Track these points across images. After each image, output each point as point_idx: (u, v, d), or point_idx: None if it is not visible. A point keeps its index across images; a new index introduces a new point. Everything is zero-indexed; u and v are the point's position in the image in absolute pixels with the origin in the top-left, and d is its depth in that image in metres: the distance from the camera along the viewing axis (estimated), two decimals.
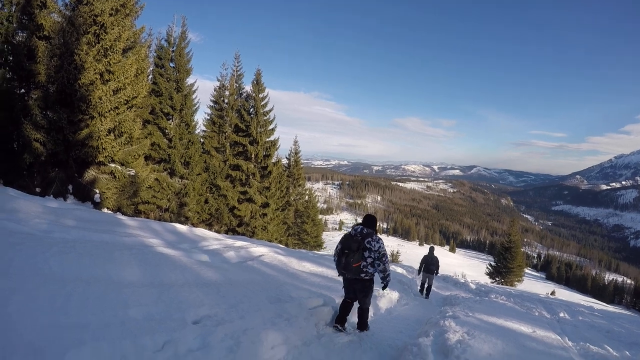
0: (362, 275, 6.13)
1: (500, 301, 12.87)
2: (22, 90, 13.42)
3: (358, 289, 6.41)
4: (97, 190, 13.52)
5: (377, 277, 6.41)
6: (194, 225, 22.20)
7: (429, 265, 14.47)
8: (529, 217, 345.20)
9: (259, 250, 11.00)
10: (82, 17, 12.61)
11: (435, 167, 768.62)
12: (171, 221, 20.20)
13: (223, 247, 10.06)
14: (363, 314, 6.74)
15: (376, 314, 8.32)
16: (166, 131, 21.12)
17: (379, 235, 6.43)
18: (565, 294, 58.01)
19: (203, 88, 26.07)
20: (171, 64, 21.84)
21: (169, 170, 21.39)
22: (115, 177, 14.09)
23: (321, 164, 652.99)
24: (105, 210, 13.74)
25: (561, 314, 12.31)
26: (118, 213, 13.79)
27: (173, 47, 22.00)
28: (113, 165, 14.09)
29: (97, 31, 13.04)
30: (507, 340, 5.92)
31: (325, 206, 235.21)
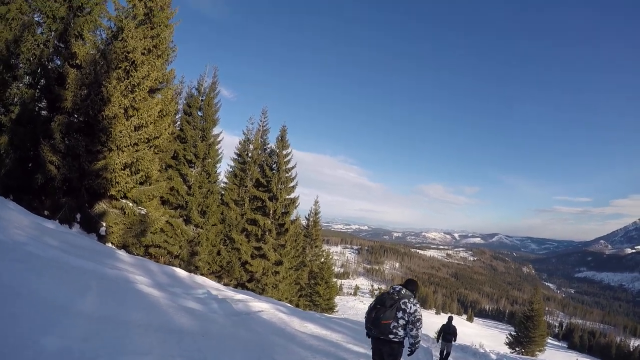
0: (391, 336, 5.67)
1: None
2: (47, 113, 13.66)
3: (386, 352, 5.88)
4: (104, 224, 13.29)
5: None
6: (203, 275, 21.74)
7: (447, 333, 15.14)
8: (550, 285, 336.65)
9: (260, 305, 10.44)
10: (115, 53, 12.84)
11: (456, 235, 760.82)
12: (180, 268, 19.86)
13: (220, 298, 9.55)
14: None
15: None
16: (187, 178, 21.00)
17: (417, 300, 6.11)
18: None
19: (230, 142, 26.63)
20: (199, 113, 22.04)
21: (185, 217, 21.12)
22: (125, 213, 13.86)
23: (341, 228, 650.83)
24: (109, 244, 13.41)
25: None
26: (122, 250, 13.44)
27: (202, 97, 22.25)
28: (124, 201, 13.92)
29: (127, 67, 13.21)
30: None
31: (342, 270, 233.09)
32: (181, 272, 11.42)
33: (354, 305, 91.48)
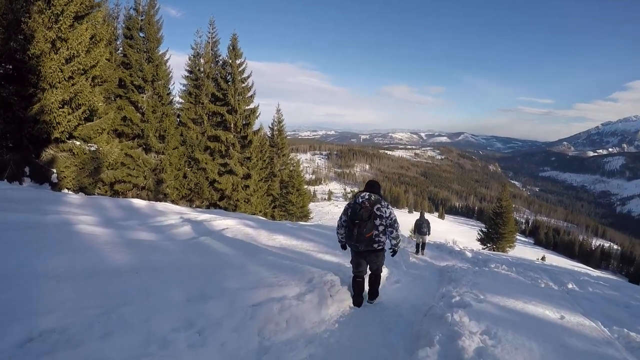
0: (375, 245, 5.82)
1: (503, 272, 11.91)
2: None
3: (371, 261, 6.13)
4: (55, 170, 12.44)
5: None
6: (173, 202, 21.31)
7: (421, 227, 16.10)
8: (516, 183, 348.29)
9: (225, 223, 9.95)
10: None
11: (423, 135, 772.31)
12: (149, 199, 19.31)
13: (181, 222, 8.98)
14: (376, 280, 6.47)
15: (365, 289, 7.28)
16: (138, 105, 19.94)
17: (385, 201, 6.01)
18: (554, 259, 58.55)
19: (181, 63, 25.25)
20: (141, 34, 20.57)
21: (144, 146, 20.32)
22: (74, 154, 12.90)
23: (308, 135, 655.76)
24: (66, 191, 12.63)
25: (569, 285, 11.28)
26: (79, 193, 12.71)
27: (142, 16, 20.69)
28: (72, 141, 12.96)
29: None
30: (542, 339, 4.52)
31: (313, 177, 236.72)
32: (140, 203, 10.72)
33: (329, 210, 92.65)
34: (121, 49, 20.75)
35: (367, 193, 5.86)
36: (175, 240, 7.27)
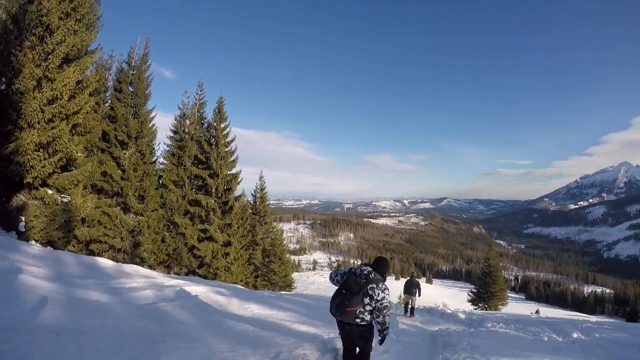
0: (358, 320, 5.27)
1: (501, 330, 11.15)
2: None
3: (355, 335, 5.48)
4: (24, 218, 11.52)
5: None
6: (151, 267, 20.15)
7: (410, 287, 15.85)
8: (502, 242, 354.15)
9: (195, 289, 9.13)
10: (29, 17, 11.26)
11: (406, 202, 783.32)
12: (124, 262, 18.22)
13: (146, 286, 8.10)
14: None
15: None
16: (120, 161, 19.23)
17: (386, 284, 5.48)
18: (548, 312, 59.45)
19: (169, 124, 24.71)
20: (130, 88, 20.19)
21: (122, 205, 19.43)
22: (45, 203, 12.11)
23: (292, 204, 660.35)
24: (33, 242, 11.60)
25: (574, 335, 10.54)
26: (48, 247, 11.66)
27: (133, 70, 20.40)
28: (44, 189, 12.15)
29: (41, 33, 11.55)
30: None
31: (298, 246, 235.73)
32: (106, 262, 9.81)
33: (314, 280, 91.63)
34: (109, 101, 20.28)
35: (370, 269, 5.41)
36: (130, 304, 6.47)
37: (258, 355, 4.83)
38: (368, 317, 5.27)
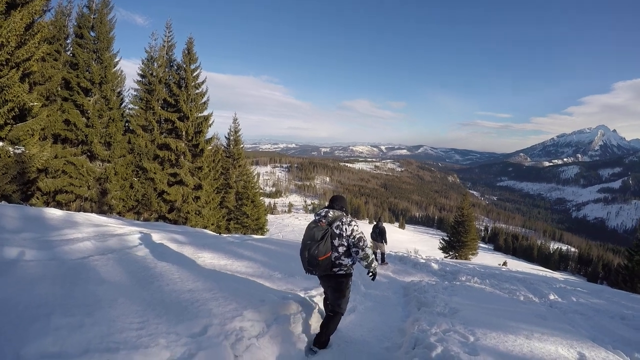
0: (336, 269, 4.86)
1: (477, 286, 10.97)
2: None
3: (331, 288, 5.08)
4: None
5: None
6: (120, 214, 20.03)
7: (375, 234, 15.38)
8: (475, 192, 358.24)
9: (144, 238, 8.41)
10: None
11: (383, 148, 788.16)
12: (93, 211, 18.10)
13: (90, 236, 7.11)
14: (331, 320, 5.12)
15: (302, 339, 5.14)
16: (84, 108, 18.70)
17: (351, 217, 5.04)
18: (515, 264, 60.41)
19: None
20: (91, 33, 19.54)
21: (88, 153, 19.04)
22: None
23: (269, 148, 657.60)
24: None
25: (551, 296, 10.69)
26: (2, 202, 11.35)
27: (94, 14, 19.68)
28: None
29: None
30: None
31: (274, 189, 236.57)
32: (55, 213, 8.97)
33: (289, 222, 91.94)
34: (70, 48, 19.69)
35: (326, 209, 5.04)
36: (55, 261, 5.43)
37: (173, 334, 3.74)
38: (347, 261, 4.86)
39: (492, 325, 5.70)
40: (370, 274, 5.09)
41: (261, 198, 37.10)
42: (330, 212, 4.91)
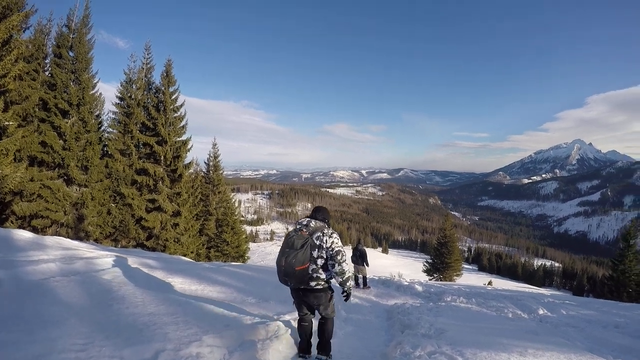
0: (313, 283, 4.56)
1: (462, 305, 10.53)
2: None
3: (313, 303, 4.81)
4: None
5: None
6: (97, 240, 19.40)
7: (355, 257, 14.73)
8: (456, 213, 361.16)
9: (110, 261, 7.96)
10: None
11: (364, 172, 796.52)
12: (68, 237, 17.50)
13: (56, 258, 6.68)
14: (325, 326, 4.96)
15: None
16: (61, 130, 18.22)
17: (332, 230, 4.84)
18: (500, 283, 60.24)
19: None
20: (70, 53, 19.21)
21: (65, 177, 18.54)
22: None
23: (250, 175, 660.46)
24: None
25: (540, 311, 10.29)
26: None
27: (74, 34, 19.38)
28: None
29: None
30: None
31: (255, 217, 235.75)
32: (22, 235, 8.49)
33: (272, 250, 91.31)
34: (49, 68, 19.34)
35: (308, 219, 4.83)
36: (15, 280, 5.26)
37: (117, 358, 3.46)
38: (323, 275, 4.60)
39: (482, 344, 5.35)
40: (344, 293, 4.88)
41: (243, 226, 36.66)
42: (313, 222, 4.75)
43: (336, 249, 4.55)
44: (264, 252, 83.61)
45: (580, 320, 9.25)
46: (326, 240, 4.55)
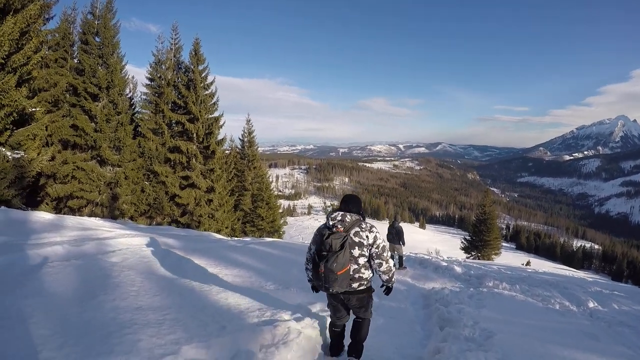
0: (355, 285, 4.00)
1: (506, 293, 9.59)
2: None
3: (353, 306, 4.28)
4: None
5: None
6: (132, 218, 19.79)
7: (391, 235, 13.77)
8: (495, 189, 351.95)
9: (132, 242, 7.55)
10: None
11: (401, 146, 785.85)
12: (104, 216, 17.93)
13: (66, 241, 6.56)
14: (361, 328, 4.40)
15: None
16: (92, 113, 18.54)
17: (369, 222, 4.17)
18: (538, 263, 59.43)
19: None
20: (96, 39, 19.48)
21: (98, 158, 18.89)
22: None
23: (287, 150, 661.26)
24: None
25: (589, 304, 9.35)
26: (2, 207, 10.95)
27: (98, 20, 19.63)
28: None
29: None
30: None
31: (293, 191, 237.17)
32: (44, 217, 8.36)
33: (309, 224, 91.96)
34: (77, 55, 19.79)
35: (342, 212, 4.12)
36: (7, 266, 4.83)
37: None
38: (367, 274, 4.07)
39: (540, 356, 4.69)
40: (385, 287, 4.39)
41: (280, 200, 36.74)
42: (348, 216, 4.07)
43: (382, 245, 4.06)
44: (302, 226, 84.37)
45: (635, 318, 8.45)
46: (367, 237, 4.00)
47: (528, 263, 53.98)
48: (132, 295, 4.52)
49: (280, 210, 35.31)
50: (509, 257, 58.99)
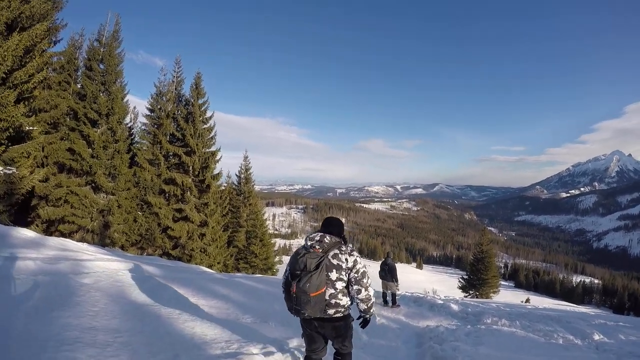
0: (331, 311, 3.69)
1: (505, 329, 9.08)
2: None
3: (329, 335, 3.94)
4: None
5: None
6: (122, 247, 19.43)
7: (383, 272, 13.44)
8: (492, 229, 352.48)
9: (108, 266, 7.22)
10: None
11: (399, 187, 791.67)
12: (94, 244, 17.63)
13: (41, 258, 6.27)
14: None
15: None
16: (90, 139, 18.49)
17: (351, 246, 3.92)
18: (537, 300, 58.85)
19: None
20: (100, 66, 19.71)
21: (92, 184, 18.68)
22: None
23: (285, 189, 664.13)
24: None
25: (595, 336, 8.84)
26: None
27: (104, 48, 19.93)
28: None
29: None
30: None
31: (289, 230, 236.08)
32: (25, 234, 8.13)
33: None
34: (80, 80, 19.98)
35: (321, 233, 3.91)
36: None
37: None
38: (344, 301, 3.76)
39: None
40: (362, 319, 4.09)
41: (276, 239, 36.35)
42: (327, 237, 3.84)
43: (361, 270, 3.79)
44: None
45: None
46: (346, 260, 3.74)
47: (527, 300, 53.83)
48: (89, 314, 4.39)
49: (275, 249, 34.83)
50: (507, 295, 59.01)
